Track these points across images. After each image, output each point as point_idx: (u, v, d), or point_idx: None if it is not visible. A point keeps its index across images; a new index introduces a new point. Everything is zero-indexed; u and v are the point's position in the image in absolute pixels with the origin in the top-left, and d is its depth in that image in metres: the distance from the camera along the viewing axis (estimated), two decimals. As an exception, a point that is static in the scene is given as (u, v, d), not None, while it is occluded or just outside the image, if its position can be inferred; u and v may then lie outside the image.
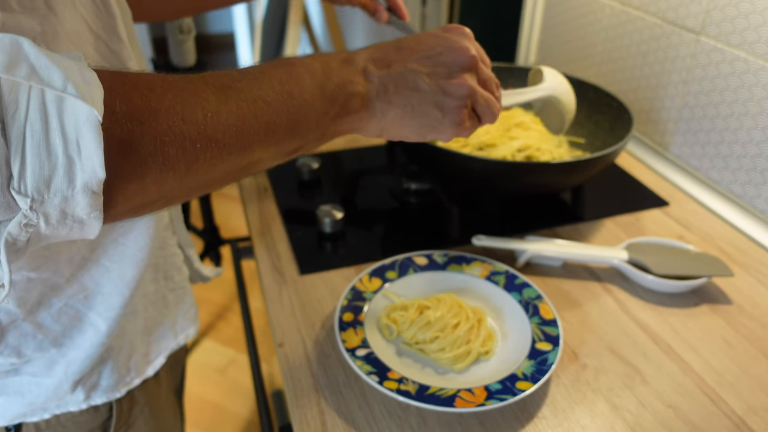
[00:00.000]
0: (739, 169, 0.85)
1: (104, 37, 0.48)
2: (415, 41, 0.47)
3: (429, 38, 0.47)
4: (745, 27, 0.79)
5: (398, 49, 0.46)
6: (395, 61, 0.46)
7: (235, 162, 0.37)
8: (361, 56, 0.45)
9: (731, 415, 0.57)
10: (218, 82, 0.37)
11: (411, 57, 0.46)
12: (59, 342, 0.52)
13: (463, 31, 0.49)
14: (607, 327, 0.67)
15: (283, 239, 0.80)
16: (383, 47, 0.47)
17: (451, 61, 0.46)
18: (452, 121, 0.46)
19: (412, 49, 0.46)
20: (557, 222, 0.84)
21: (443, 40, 0.47)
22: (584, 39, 1.13)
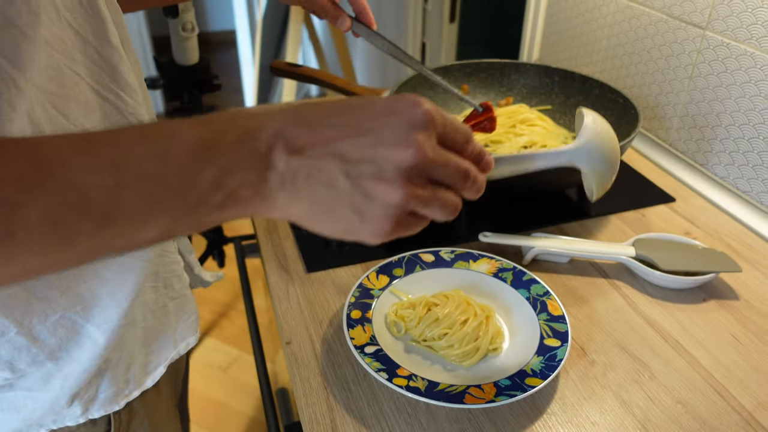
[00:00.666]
0: (746, 164, 0.85)
1: (94, 42, 0.46)
2: (350, 116, 0.36)
3: (370, 115, 0.36)
4: (752, 22, 0.79)
5: (323, 124, 0.36)
6: (314, 144, 0.35)
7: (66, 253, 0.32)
8: (271, 129, 0.35)
9: (740, 410, 0.57)
10: (52, 156, 0.30)
11: (336, 140, 0.35)
12: (56, 355, 0.50)
13: (422, 110, 0.36)
14: (615, 323, 0.67)
15: (289, 237, 0.80)
16: (307, 117, 0.36)
17: (387, 158, 0.35)
18: (373, 231, 0.37)
19: (342, 127, 0.36)
20: (563, 218, 0.84)
21: (388, 125, 0.36)
22: (588, 35, 1.13)
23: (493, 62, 1.00)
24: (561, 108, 0.98)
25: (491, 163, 0.41)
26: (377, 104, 0.37)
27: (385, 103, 0.37)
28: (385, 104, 0.37)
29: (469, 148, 0.40)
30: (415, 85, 0.95)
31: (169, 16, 1.15)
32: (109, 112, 0.48)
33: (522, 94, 1.01)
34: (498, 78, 1.01)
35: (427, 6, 1.94)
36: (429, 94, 0.97)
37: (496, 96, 1.02)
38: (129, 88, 0.49)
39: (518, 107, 0.96)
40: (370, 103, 0.37)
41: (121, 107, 0.48)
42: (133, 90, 0.49)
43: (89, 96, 0.46)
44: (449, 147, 0.38)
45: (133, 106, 0.49)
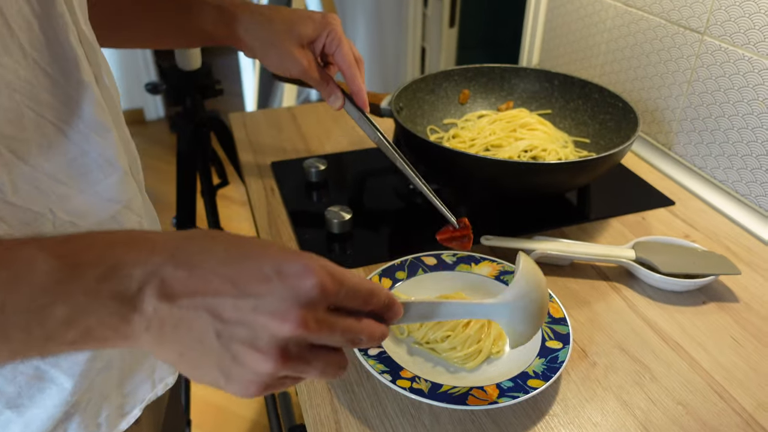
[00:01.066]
0: (744, 168, 0.86)
1: (63, 82, 0.43)
2: (237, 269, 0.33)
3: (258, 275, 0.33)
4: (750, 27, 0.80)
5: (206, 270, 0.33)
6: (190, 293, 0.32)
7: None
8: (148, 267, 0.32)
9: (741, 412, 0.57)
10: None
11: (215, 293, 0.33)
12: (15, 403, 0.46)
13: (312, 283, 0.33)
14: (616, 325, 0.67)
15: (292, 240, 0.80)
16: (191, 258, 0.33)
17: (264, 327, 0.33)
18: (239, 392, 0.35)
19: (225, 281, 0.33)
20: (564, 222, 0.85)
21: (272, 292, 0.33)
22: (587, 39, 1.14)
23: (494, 67, 1.01)
24: (561, 112, 0.99)
25: (399, 313, 0.39)
26: (268, 263, 0.34)
27: (278, 262, 0.34)
28: (276, 265, 0.34)
29: (371, 305, 0.38)
30: (416, 89, 0.96)
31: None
32: (77, 154, 0.45)
33: (522, 98, 1.02)
34: (498, 82, 1.02)
35: (427, 11, 1.95)
36: (429, 99, 0.98)
37: (496, 100, 1.03)
38: (101, 128, 0.46)
39: (518, 111, 0.97)
40: (260, 260, 0.34)
41: (91, 149, 0.46)
42: (105, 130, 0.47)
43: (54, 138, 0.43)
44: (345, 310, 0.36)
45: (103, 147, 0.47)
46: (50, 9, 0.41)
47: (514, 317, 0.47)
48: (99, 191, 0.48)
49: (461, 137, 0.95)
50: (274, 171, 0.97)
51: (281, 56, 0.66)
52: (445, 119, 1.01)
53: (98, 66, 0.47)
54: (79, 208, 0.46)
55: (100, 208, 0.48)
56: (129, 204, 0.51)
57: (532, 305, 0.47)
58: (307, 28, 0.66)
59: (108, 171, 0.48)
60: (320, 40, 0.67)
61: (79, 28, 0.44)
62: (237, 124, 1.13)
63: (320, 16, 0.67)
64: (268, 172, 0.97)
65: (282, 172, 0.96)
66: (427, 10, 1.96)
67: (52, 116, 0.43)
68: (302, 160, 0.96)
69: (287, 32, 0.65)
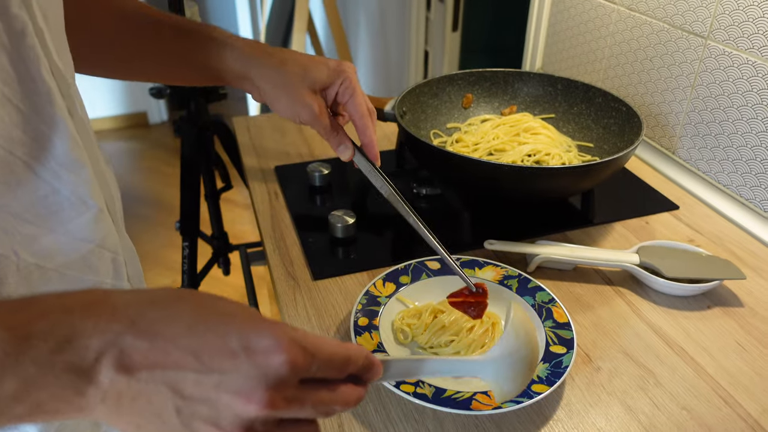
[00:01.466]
0: (749, 172, 0.86)
1: (34, 118, 0.41)
2: (201, 341, 0.31)
3: (223, 349, 0.31)
4: (754, 31, 0.80)
5: (167, 340, 0.31)
6: (150, 366, 0.30)
7: None
8: (106, 336, 0.30)
9: (746, 417, 0.57)
10: None
11: (177, 367, 0.31)
12: None
13: (281, 360, 0.31)
14: (620, 330, 0.67)
15: (296, 244, 0.81)
16: (152, 326, 0.31)
17: (228, 406, 0.31)
18: None
19: (188, 354, 0.31)
20: (567, 226, 0.85)
21: (237, 368, 0.31)
22: (591, 43, 1.14)
23: (497, 71, 1.01)
24: (564, 116, 0.99)
25: (378, 374, 0.37)
26: (235, 334, 0.31)
27: (245, 335, 0.31)
28: (243, 338, 0.31)
29: (347, 371, 0.36)
30: (419, 94, 0.96)
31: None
32: (48, 192, 0.43)
33: (525, 102, 1.02)
34: (502, 86, 1.02)
35: (430, 14, 1.96)
36: (432, 103, 0.98)
37: (500, 104, 1.03)
38: (74, 165, 0.44)
39: (522, 116, 0.97)
40: (227, 331, 0.32)
41: (63, 187, 0.44)
42: (79, 166, 0.44)
43: (24, 175, 0.41)
44: (318, 381, 0.34)
45: (76, 184, 0.44)
46: (20, 42, 0.38)
47: (500, 375, 0.44)
48: (70, 230, 0.45)
49: (464, 141, 0.95)
50: (277, 175, 0.97)
51: (292, 101, 0.64)
52: (448, 123, 1.01)
53: (71, 98, 0.45)
54: (46, 249, 0.44)
55: (70, 249, 0.46)
56: (102, 242, 0.48)
57: (520, 363, 0.44)
58: (321, 74, 0.64)
59: (80, 209, 0.45)
60: (333, 87, 0.65)
61: (51, 60, 0.42)
62: (241, 128, 1.13)
63: (335, 63, 0.65)
64: (272, 177, 0.97)
65: (286, 177, 0.96)
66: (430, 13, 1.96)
67: (23, 153, 0.40)
68: (306, 164, 0.96)
69: (300, 76, 0.63)
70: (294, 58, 0.65)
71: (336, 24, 2.27)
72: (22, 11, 0.38)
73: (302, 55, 0.66)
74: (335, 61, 0.66)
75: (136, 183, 3.02)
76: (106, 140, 3.44)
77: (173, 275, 2.32)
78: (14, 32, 0.38)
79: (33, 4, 0.40)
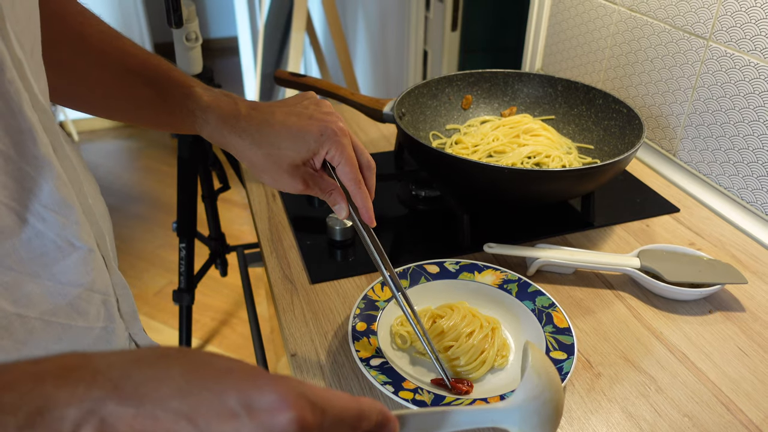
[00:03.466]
0: (750, 175, 0.85)
1: (16, 157, 0.38)
2: (195, 401, 0.28)
3: (219, 409, 0.28)
4: (756, 33, 0.79)
5: (156, 404, 0.27)
6: None
7: None
8: (85, 405, 0.26)
9: (748, 424, 0.57)
10: None
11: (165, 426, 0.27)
12: None
13: (289, 418, 0.28)
14: (621, 335, 0.66)
15: (293, 247, 0.80)
16: (138, 389, 0.27)
17: None
18: None
19: (179, 418, 0.27)
20: (567, 229, 0.84)
21: (239, 429, 0.27)
22: (591, 44, 1.13)
23: (497, 72, 1.01)
24: (564, 118, 0.98)
25: (395, 430, 0.33)
26: (233, 393, 0.28)
27: (246, 393, 0.28)
28: (244, 396, 0.28)
29: (361, 429, 0.32)
30: (418, 95, 0.95)
31: (173, 26, 1.16)
32: (32, 236, 0.40)
33: (525, 103, 1.01)
34: (501, 87, 1.01)
35: (429, 14, 1.95)
36: (431, 104, 0.98)
37: (499, 105, 1.02)
38: (62, 206, 0.41)
39: (522, 117, 0.96)
40: (225, 389, 0.28)
41: (49, 230, 0.41)
42: (67, 207, 0.41)
43: (7, 220, 0.38)
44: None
45: (65, 227, 0.42)
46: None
47: (526, 422, 0.40)
48: (55, 275, 0.42)
49: (464, 143, 0.94)
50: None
51: (274, 180, 0.60)
52: (447, 125, 1.00)
53: (55, 133, 0.41)
54: (28, 297, 0.41)
55: (56, 294, 0.43)
56: (92, 285, 0.46)
57: (547, 407, 0.40)
58: (301, 151, 0.59)
59: (67, 251, 0.42)
60: (318, 157, 0.60)
61: (32, 93, 0.39)
62: (238, 128, 1.12)
63: (319, 130, 0.58)
64: (270, 178, 0.96)
65: (283, 178, 0.95)
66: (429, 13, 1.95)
67: (5, 197, 0.38)
68: (304, 166, 0.95)
69: (277, 157, 0.59)
70: (272, 130, 0.59)
71: (335, 23, 2.26)
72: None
73: (282, 126, 0.59)
74: (320, 125, 0.59)
75: (133, 182, 3.01)
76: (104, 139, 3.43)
77: (170, 276, 2.31)
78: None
79: (10, 34, 0.37)
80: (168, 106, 0.61)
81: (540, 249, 0.75)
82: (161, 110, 0.62)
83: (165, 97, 0.61)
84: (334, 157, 0.59)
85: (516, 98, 1.02)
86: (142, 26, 3.50)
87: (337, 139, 0.59)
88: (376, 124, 1.14)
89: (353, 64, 2.47)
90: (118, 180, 3.01)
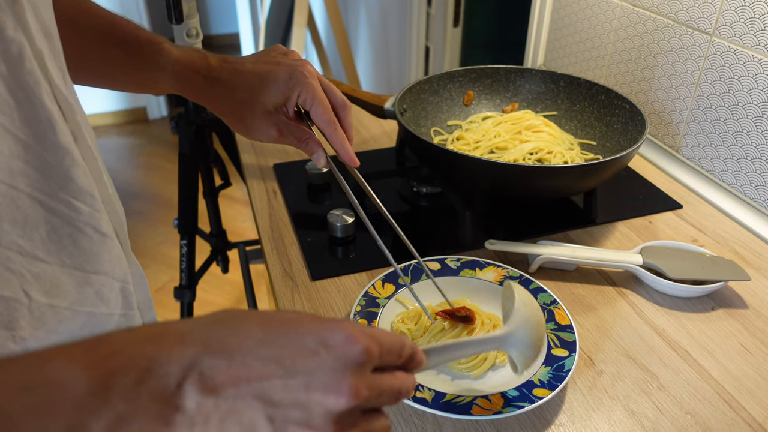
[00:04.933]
0: (754, 171, 0.84)
1: (36, 146, 0.38)
2: (278, 349, 0.32)
3: (301, 350, 0.32)
4: (760, 29, 0.79)
5: (246, 355, 0.31)
6: (235, 381, 0.30)
7: None
8: (184, 360, 0.30)
9: (751, 422, 0.56)
10: None
11: (262, 378, 0.31)
12: None
13: (359, 348, 0.33)
14: (623, 332, 0.66)
15: (294, 244, 0.80)
16: (226, 344, 0.31)
17: (319, 404, 0.31)
18: None
19: (269, 363, 0.31)
20: (569, 225, 0.83)
21: (321, 365, 0.32)
22: (593, 40, 1.13)
23: (498, 68, 1.00)
24: (567, 114, 0.98)
25: (422, 362, 0.39)
26: (308, 335, 0.32)
27: (318, 334, 0.33)
28: (318, 336, 0.33)
29: (403, 357, 0.37)
30: (420, 91, 0.95)
31: (174, 22, 1.15)
32: (58, 225, 0.41)
33: (528, 99, 1.01)
34: (503, 83, 1.01)
35: (431, 10, 1.94)
36: (433, 100, 0.97)
37: (501, 102, 1.01)
38: (84, 194, 0.42)
39: (524, 113, 0.95)
40: (300, 334, 0.33)
41: (73, 218, 0.42)
42: (88, 195, 0.42)
43: (31, 210, 0.39)
44: (384, 368, 0.36)
45: (89, 215, 0.43)
46: (18, 67, 0.36)
47: (520, 344, 0.50)
48: (82, 264, 0.43)
49: (465, 139, 0.93)
50: (276, 173, 0.96)
51: (249, 128, 0.62)
52: (449, 121, 0.99)
53: (77, 124, 0.42)
54: (59, 287, 0.42)
55: (83, 283, 0.44)
56: (112, 272, 0.47)
57: (534, 330, 0.50)
58: (271, 95, 0.60)
59: (92, 240, 0.44)
60: (290, 102, 0.61)
61: (53, 83, 0.39)
62: (239, 125, 1.12)
63: (287, 73, 0.60)
64: (271, 174, 0.96)
65: (284, 174, 0.95)
66: (431, 9, 1.94)
67: (27, 186, 0.38)
68: (304, 162, 0.95)
69: (250, 103, 0.60)
70: (243, 79, 0.61)
71: (336, 19, 2.26)
72: (18, 33, 0.36)
73: (251, 73, 0.61)
74: (288, 69, 0.60)
75: (135, 179, 3.01)
76: (106, 136, 3.43)
77: (171, 272, 2.31)
78: (10, 57, 0.36)
79: (30, 24, 0.37)
80: (139, 64, 0.62)
81: (542, 246, 0.75)
82: (132, 69, 0.63)
83: (136, 55, 0.62)
84: (306, 100, 0.61)
85: (518, 94, 1.01)
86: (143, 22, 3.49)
87: (306, 81, 0.60)
88: (377, 121, 1.14)
89: (355, 60, 2.47)
90: (119, 177, 3.01)
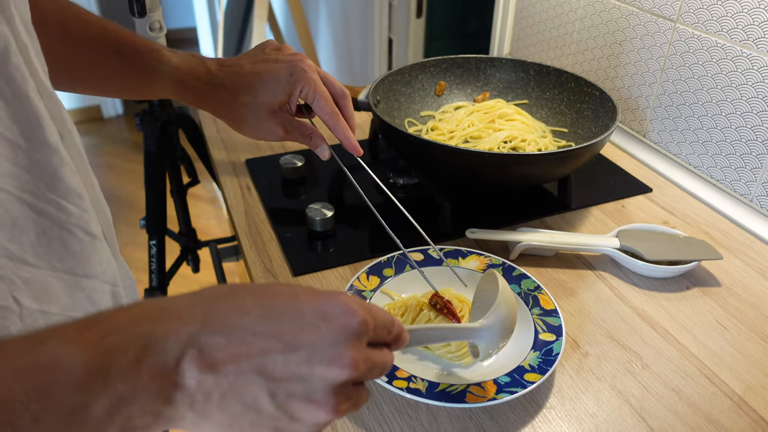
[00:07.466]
0: (719, 153, 0.87)
1: (24, 145, 0.37)
2: (277, 323, 0.32)
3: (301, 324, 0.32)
4: (722, 14, 0.81)
5: (245, 331, 0.31)
6: (234, 357, 0.30)
7: None
8: (182, 338, 0.30)
9: (731, 395, 0.58)
10: None
11: (262, 353, 0.31)
12: None
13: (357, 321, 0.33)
14: (605, 314, 0.68)
15: (273, 240, 0.78)
16: (225, 320, 0.31)
17: (320, 376, 0.31)
18: None
19: (268, 338, 0.31)
20: (546, 212, 0.85)
21: (321, 338, 0.32)
22: (559, 28, 1.14)
23: (469, 57, 1.00)
24: (538, 102, 0.99)
25: (407, 340, 0.40)
26: (307, 309, 0.33)
27: (317, 307, 0.33)
28: (316, 310, 0.33)
29: (392, 334, 0.38)
30: (392, 82, 0.94)
31: (136, 15, 1.12)
32: (47, 228, 0.39)
33: (498, 88, 1.01)
34: (474, 73, 1.01)
35: (394, 1, 1.93)
36: (405, 91, 0.97)
37: (472, 91, 1.02)
38: (73, 194, 0.41)
39: (496, 102, 0.96)
40: (298, 308, 0.32)
41: (63, 220, 0.40)
42: (77, 195, 0.41)
43: (19, 213, 0.37)
44: (376, 343, 0.36)
45: (78, 216, 0.41)
46: (5, 62, 0.34)
47: (494, 337, 0.52)
48: (72, 267, 0.42)
49: (440, 129, 0.94)
50: (249, 168, 0.94)
51: (254, 130, 0.63)
52: (422, 111, 0.99)
53: (63, 122, 0.40)
54: (49, 292, 0.40)
55: (74, 288, 0.43)
56: (103, 275, 0.46)
57: (506, 330, 0.52)
58: (275, 94, 0.62)
59: (82, 242, 0.42)
60: (293, 98, 0.63)
61: (38, 79, 0.38)
62: (207, 121, 1.09)
63: (287, 70, 0.61)
64: (243, 170, 0.94)
65: (258, 170, 0.94)
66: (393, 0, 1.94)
67: (15, 188, 0.37)
68: (278, 157, 0.93)
69: (254, 104, 0.61)
70: (244, 81, 0.61)
71: (297, 11, 2.23)
72: (3, 25, 0.34)
73: (252, 74, 0.62)
74: (288, 66, 0.62)
75: (93, 180, 2.91)
76: (59, 136, 3.31)
77: (138, 275, 2.25)
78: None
79: (14, 16, 0.35)
80: (137, 72, 0.61)
81: (522, 233, 0.76)
82: (128, 77, 0.62)
83: (133, 63, 0.61)
84: (308, 94, 0.62)
85: (489, 83, 1.02)
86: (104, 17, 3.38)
87: (307, 76, 0.62)
88: (348, 113, 1.13)
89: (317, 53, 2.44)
90: (76, 178, 2.91)
